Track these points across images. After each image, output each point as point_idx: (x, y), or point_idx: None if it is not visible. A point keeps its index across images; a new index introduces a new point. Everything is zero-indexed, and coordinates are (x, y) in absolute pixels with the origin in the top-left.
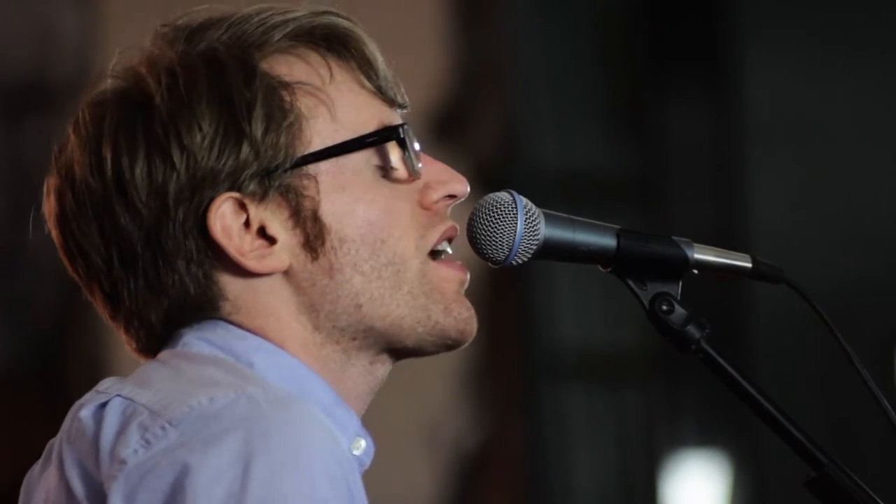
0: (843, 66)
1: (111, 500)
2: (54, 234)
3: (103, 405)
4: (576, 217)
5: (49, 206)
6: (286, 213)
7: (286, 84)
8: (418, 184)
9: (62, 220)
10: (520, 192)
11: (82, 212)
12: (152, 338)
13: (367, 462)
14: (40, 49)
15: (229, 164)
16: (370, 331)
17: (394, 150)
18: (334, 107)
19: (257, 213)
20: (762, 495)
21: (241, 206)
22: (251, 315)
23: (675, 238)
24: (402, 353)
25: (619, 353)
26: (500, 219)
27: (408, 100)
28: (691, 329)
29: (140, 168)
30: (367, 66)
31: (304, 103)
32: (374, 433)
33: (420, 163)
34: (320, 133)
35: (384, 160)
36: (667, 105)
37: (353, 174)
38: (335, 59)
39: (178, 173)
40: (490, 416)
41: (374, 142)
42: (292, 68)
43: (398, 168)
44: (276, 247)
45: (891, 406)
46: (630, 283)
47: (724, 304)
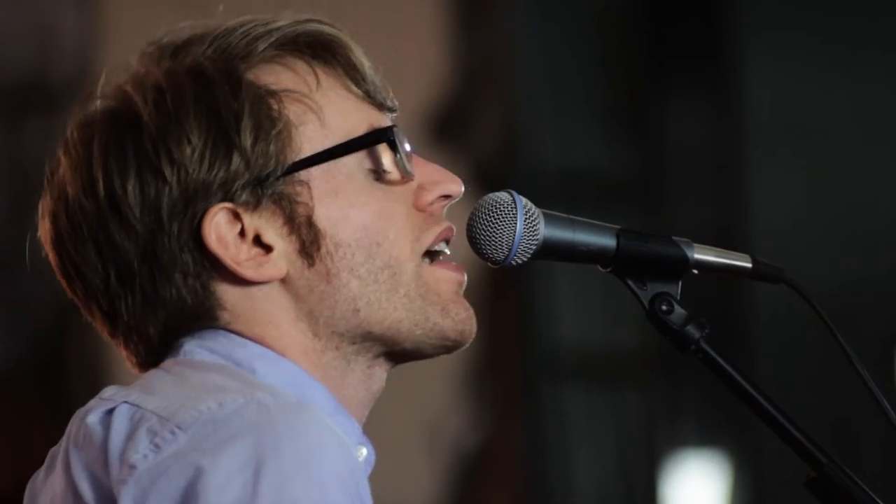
0: (843, 66)
1: None
2: (51, 256)
3: (110, 411)
4: (575, 217)
5: (44, 229)
6: (281, 221)
7: (273, 93)
8: (412, 186)
9: (58, 242)
10: (520, 192)
11: (77, 233)
12: (151, 351)
13: (369, 471)
14: (40, 49)
15: (220, 174)
16: (369, 335)
17: (385, 152)
18: (323, 113)
19: (252, 222)
20: (762, 495)
21: (236, 216)
22: (250, 324)
23: (674, 238)
24: (402, 355)
25: (619, 353)
26: (499, 219)
27: (397, 103)
28: (691, 329)
29: (132, 185)
30: (353, 72)
31: (292, 111)
32: (374, 434)
33: (412, 164)
34: (310, 139)
35: (376, 163)
36: (667, 105)
37: (345, 178)
38: (321, 66)
39: (170, 187)
40: (490, 416)
41: (365, 145)
42: (279, 77)
43: (390, 171)
44: (273, 254)
45: (891, 406)
46: (630, 283)
47: (724, 304)
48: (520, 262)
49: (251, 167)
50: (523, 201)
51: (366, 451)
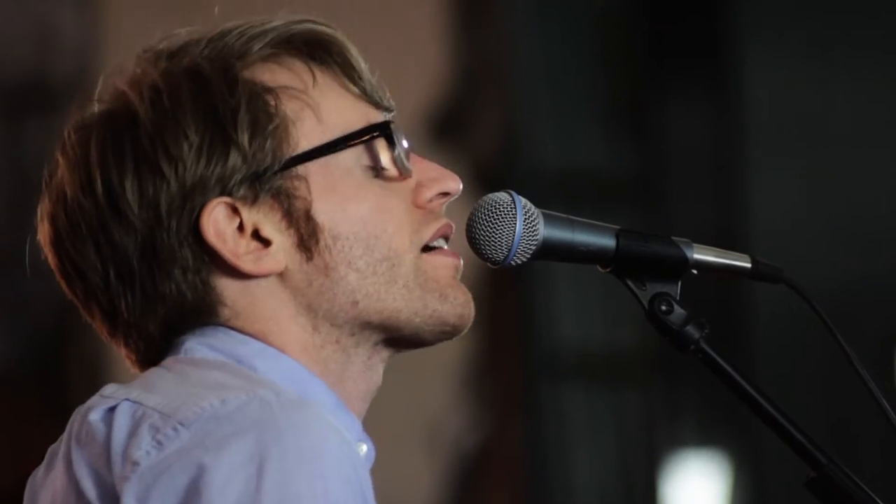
0: (843, 66)
1: (124, 501)
2: (50, 257)
3: (112, 409)
4: (575, 217)
5: (43, 230)
6: (279, 215)
7: (270, 89)
8: (411, 183)
9: (57, 242)
10: (520, 193)
11: (76, 232)
12: (152, 349)
13: (368, 467)
14: (40, 49)
15: (218, 170)
16: (368, 324)
17: (383, 149)
18: (319, 109)
19: (250, 216)
20: (762, 495)
21: (234, 211)
22: (251, 320)
23: (674, 238)
24: (401, 342)
25: (618, 353)
26: (499, 219)
27: (394, 103)
28: (690, 329)
29: (130, 182)
30: (350, 70)
31: (288, 107)
32: (374, 433)
33: (410, 162)
34: (307, 135)
35: (374, 160)
36: (667, 105)
37: (343, 174)
38: (317, 65)
39: (168, 183)
40: (490, 416)
41: (362, 139)
42: (275, 75)
43: (388, 167)
44: (272, 248)
45: (891, 406)
46: (629, 283)
47: (724, 304)
48: (519, 262)
49: (248, 162)
50: (523, 201)
51: (366, 448)
